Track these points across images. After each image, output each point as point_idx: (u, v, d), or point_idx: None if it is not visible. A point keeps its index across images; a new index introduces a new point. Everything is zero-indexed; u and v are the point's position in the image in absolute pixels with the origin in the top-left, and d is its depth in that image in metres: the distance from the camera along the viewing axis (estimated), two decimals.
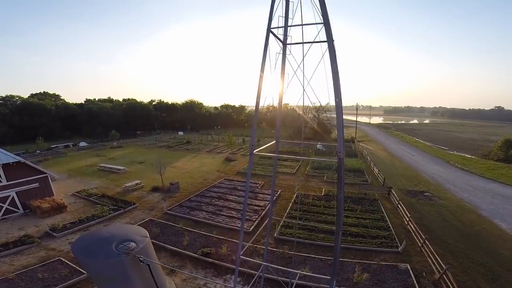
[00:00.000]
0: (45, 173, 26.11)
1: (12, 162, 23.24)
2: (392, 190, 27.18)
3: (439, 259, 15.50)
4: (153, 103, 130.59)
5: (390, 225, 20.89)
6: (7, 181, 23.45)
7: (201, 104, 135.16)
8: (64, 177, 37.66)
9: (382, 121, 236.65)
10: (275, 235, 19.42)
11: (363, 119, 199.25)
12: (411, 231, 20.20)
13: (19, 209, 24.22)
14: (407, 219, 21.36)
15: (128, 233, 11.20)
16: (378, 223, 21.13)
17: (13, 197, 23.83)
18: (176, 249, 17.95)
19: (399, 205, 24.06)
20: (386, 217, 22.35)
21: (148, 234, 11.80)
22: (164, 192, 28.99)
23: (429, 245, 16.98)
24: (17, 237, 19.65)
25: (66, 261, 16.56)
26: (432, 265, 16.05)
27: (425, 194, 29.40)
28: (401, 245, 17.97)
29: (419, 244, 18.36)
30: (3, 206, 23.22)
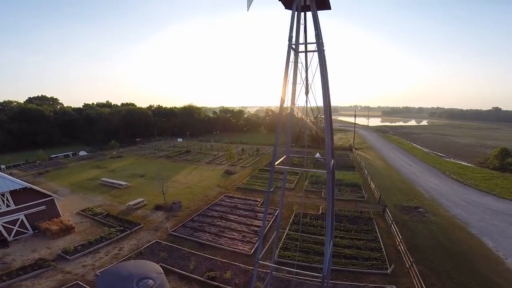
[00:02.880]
0: (51, 196, 27.13)
1: (19, 189, 24.42)
2: (387, 209, 28.24)
3: (421, 281, 16.83)
4: (152, 108, 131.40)
5: (382, 246, 22.08)
6: (16, 205, 24.60)
7: (199, 109, 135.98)
8: (67, 192, 38.56)
9: (380, 122, 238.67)
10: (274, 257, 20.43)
11: (361, 120, 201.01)
12: (401, 252, 21.37)
13: (28, 230, 25.30)
14: (399, 240, 22.50)
15: (145, 271, 12.85)
16: (371, 244, 22.32)
17: (22, 219, 24.92)
18: (184, 272, 19.08)
19: (392, 225, 25.18)
20: (379, 237, 23.54)
21: (162, 271, 13.28)
22: (167, 211, 29.96)
23: (415, 267, 18.20)
24: (32, 260, 20.85)
25: (84, 285, 17.70)
26: (416, 286, 17.25)
27: (419, 210, 30.56)
28: (390, 267, 19.17)
29: (407, 265, 19.56)
30: (13, 228, 24.38)
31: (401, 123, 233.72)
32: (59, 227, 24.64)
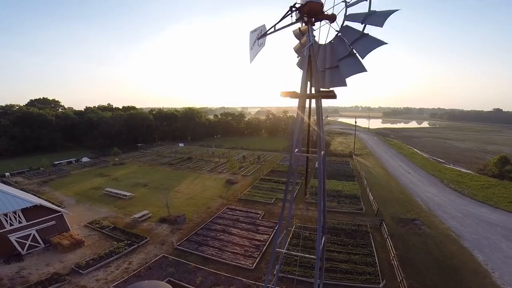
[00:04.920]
0: (59, 211, 28.39)
1: (30, 206, 25.74)
2: (384, 223, 29.26)
3: None
4: (153, 112, 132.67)
5: (377, 261, 23.23)
6: (27, 221, 25.99)
7: (200, 113, 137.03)
8: (73, 202, 39.70)
9: (381, 123, 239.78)
10: (274, 272, 21.52)
11: (362, 121, 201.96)
12: (394, 266, 22.46)
13: (40, 244, 26.63)
14: (393, 255, 23.61)
15: None
16: (366, 259, 23.47)
17: (34, 234, 26.27)
18: (191, 287, 20.35)
19: (388, 239, 26.20)
20: (375, 252, 24.65)
21: None
22: (171, 224, 31.06)
23: (405, 282, 19.51)
24: (47, 274, 22.17)
25: None
26: None
27: (415, 222, 31.55)
28: (382, 282, 20.33)
29: (399, 280, 20.73)
30: (26, 243, 25.75)
31: (402, 124, 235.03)
32: (70, 241, 25.92)
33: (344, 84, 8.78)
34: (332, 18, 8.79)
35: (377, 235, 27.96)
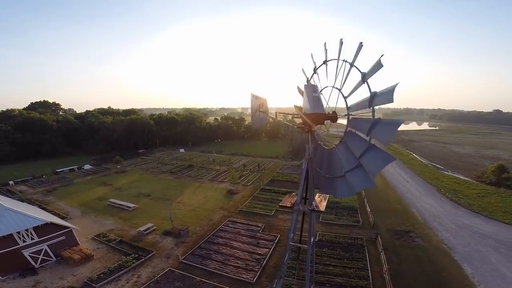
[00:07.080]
0: (69, 227, 29.81)
1: (40, 224, 27.22)
2: (379, 237, 30.51)
3: None
4: (153, 116, 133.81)
5: (370, 275, 24.59)
6: (39, 238, 27.46)
7: (200, 117, 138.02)
8: (78, 214, 40.85)
9: None
10: (274, 286, 22.80)
11: None
12: (386, 280, 23.74)
13: (52, 258, 28.13)
14: (385, 269, 24.93)
15: None
16: (360, 273, 24.84)
17: (45, 249, 27.74)
18: None
19: (382, 252, 27.51)
20: (368, 265, 26.02)
21: None
22: (175, 237, 32.38)
23: None
24: (62, 287, 23.74)
25: None
26: None
27: (410, 234, 32.84)
28: None
29: None
30: (39, 257, 27.25)
31: (402, 126, 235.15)
32: (80, 256, 27.41)
33: (339, 197, 9.61)
34: (334, 118, 9.28)
35: (372, 248, 29.23)
